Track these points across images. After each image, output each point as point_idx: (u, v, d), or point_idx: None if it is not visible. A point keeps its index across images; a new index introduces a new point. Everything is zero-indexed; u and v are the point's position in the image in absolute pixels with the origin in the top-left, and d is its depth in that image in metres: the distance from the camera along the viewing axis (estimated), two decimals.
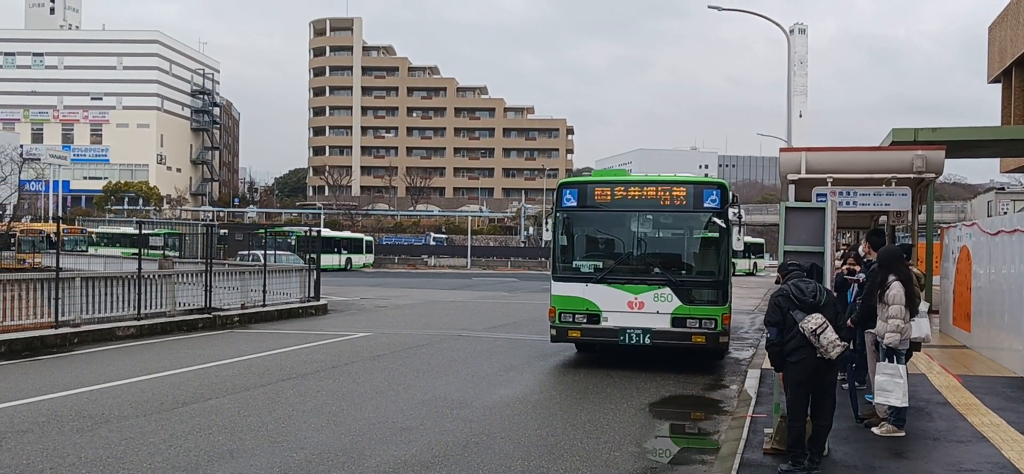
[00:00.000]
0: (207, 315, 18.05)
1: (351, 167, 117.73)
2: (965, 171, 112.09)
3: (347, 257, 61.00)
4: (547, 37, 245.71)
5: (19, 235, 55.82)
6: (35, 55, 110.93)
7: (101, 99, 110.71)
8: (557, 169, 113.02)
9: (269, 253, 26.13)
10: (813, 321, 6.12)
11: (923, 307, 7.84)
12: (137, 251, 18.24)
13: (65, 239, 51.49)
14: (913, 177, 11.16)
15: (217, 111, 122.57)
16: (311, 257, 24.20)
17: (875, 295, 7.54)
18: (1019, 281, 10.49)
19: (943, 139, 14.71)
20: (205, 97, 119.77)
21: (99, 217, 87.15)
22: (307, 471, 6.70)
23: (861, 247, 10.84)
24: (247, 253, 34.23)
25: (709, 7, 29.88)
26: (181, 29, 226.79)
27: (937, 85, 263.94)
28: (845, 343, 6.22)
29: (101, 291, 16.08)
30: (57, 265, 15.45)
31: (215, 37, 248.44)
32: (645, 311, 11.70)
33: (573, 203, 12.29)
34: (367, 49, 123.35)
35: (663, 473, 7.05)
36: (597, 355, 13.30)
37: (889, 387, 7.30)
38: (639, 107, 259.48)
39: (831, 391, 6.41)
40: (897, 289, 7.31)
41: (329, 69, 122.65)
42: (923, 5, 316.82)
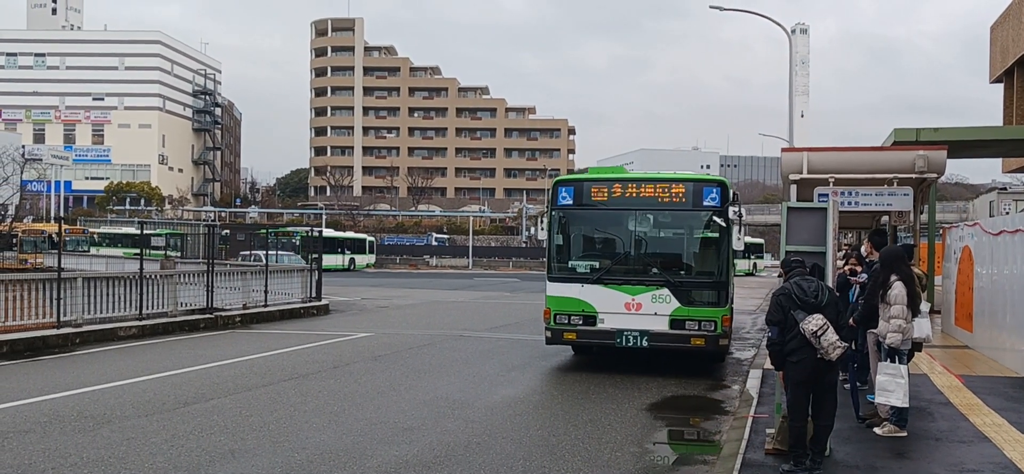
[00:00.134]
0: (209, 315, 18.06)
1: (353, 167, 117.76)
2: (967, 171, 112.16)
3: (351, 257, 61.17)
4: (548, 37, 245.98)
5: (21, 235, 55.95)
6: (37, 56, 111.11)
7: (103, 99, 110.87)
8: (559, 169, 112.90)
9: (271, 253, 26.15)
10: (814, 323, 6.11)
11: (924, 307, 7.83)
12: (139, 251, 18.27)
13: (67, 239, 51.54)
14: (915, 177, 11.15)
15: (219, 111, 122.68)
16: (313, 257, 24.22)
17: (877, 295, 7.54)
18: (1021, 281, 10.48)
19: (945, 139, 14.71)
20: (207, 97, 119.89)
21: (101, 217, 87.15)
22: (309, 471, 6.70)
23: (864, 247, 10.82)
24: (248, 253, 34.23)
25: (710, 7, 29.88)
26: (183, 30, 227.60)
27: (937, 85, 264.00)
28: (846, 344, 6.20)
29: (103, 291, 16.09)
30: (59, 265, 15.46)
31: (216, 38, 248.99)
32: (643, 313, 11.42)
33: (568, 201, 12.01)
34: (368, 49, 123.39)
35: (665, 473, 7.05)
36: (597, 356, 13.25)
37: (890, 387, 7.29)
38: (640, 107, 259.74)
39: (832, 391, 6.40)
40: (899, 289, 7.31)
41: (330, 69, 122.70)
42: (923, 5, 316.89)
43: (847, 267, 10.11)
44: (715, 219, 11.40)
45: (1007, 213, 29.19)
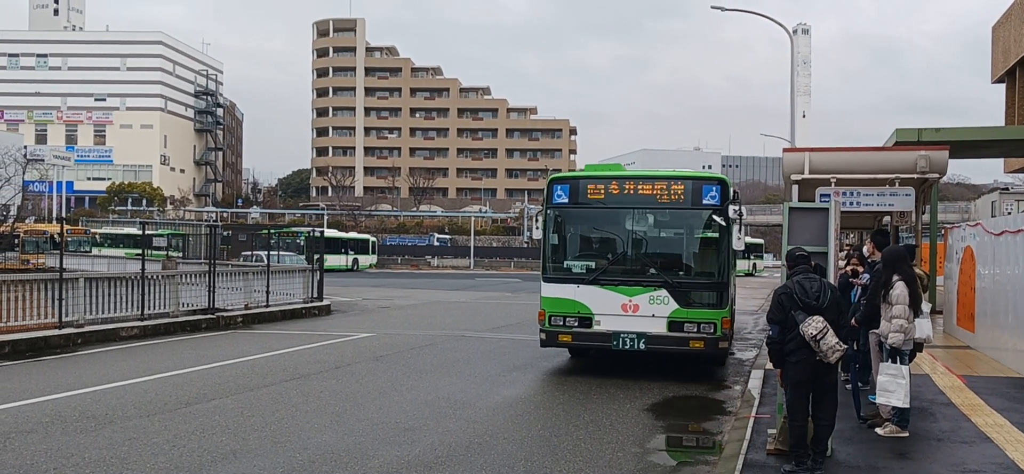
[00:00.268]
0: (211, 316, 18.07)
1: (354, 168, 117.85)
2: (969, 171, 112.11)
3: (354, 258, 61.33)
4: (549, 37, 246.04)
5: (23, 236, 55.92)
6: (39, 56, 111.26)
7: (105, 100, 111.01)
8: (560, 169, 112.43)
9: (272, 254, 26.17)
10: (813, 326, 6.09)
11: (925, 308, 7.83)
12: (141, 251, 18.29)
13: (69, 240, 51.59)
14: (917, 177, 11.16)
15: (220, 112, 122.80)
16: (315, 257, 24.24)
17: (879, 295, 7.54)
18: (1023, 281, 10.47)
19: (947, 139, 14.72)
20: (208, 98, 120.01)
21: (103, 218, 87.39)
22: (310, 471, 6.70)
23: (866, 247, 10.81)
24: (250, 254, 34.28)
25: (712, 7, 29.87)
26: (184, 30, 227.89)
27: (939, 85, 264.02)
28: (845, 347, 6.19)
29: (105, 292, 16.11)
30: (61, 266, 15.47)
31: (218, 38, 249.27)
32: (640, 314, 11.04)
33: (564, 200, 11.64)
34: (370, 50, 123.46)
35: (667, 473, 7.05)
36: (597, 358, 13.20)
37: (891, 387, 7.29)
38: (641, 107, 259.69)
39: (832, 391, 6.39)
40: (901, 289, 7.31)
41: (332, 70, 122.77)
42: (925, 5, 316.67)
43: (849, 267, 10.10)
44: (715, 218, 11.04)
45: (1009, 213, 29.13)
